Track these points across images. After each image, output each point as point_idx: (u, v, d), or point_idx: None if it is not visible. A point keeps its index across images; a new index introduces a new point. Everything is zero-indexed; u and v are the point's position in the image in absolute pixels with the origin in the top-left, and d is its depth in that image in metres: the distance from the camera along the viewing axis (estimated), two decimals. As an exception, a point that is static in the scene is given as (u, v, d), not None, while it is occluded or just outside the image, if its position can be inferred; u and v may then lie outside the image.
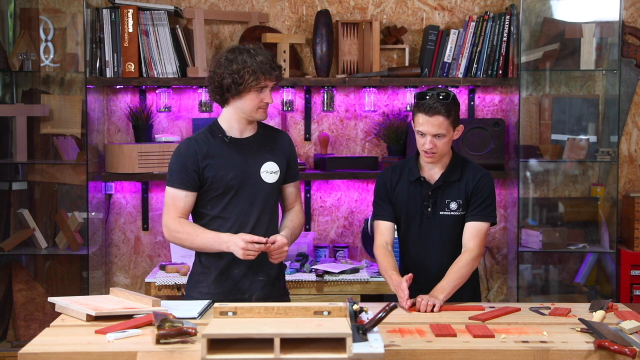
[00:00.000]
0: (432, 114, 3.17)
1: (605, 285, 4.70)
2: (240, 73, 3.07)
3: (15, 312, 4.65)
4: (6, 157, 4.68)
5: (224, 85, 3.10)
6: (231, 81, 3.08)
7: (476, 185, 3.28)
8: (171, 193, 3.18)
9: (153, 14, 4.55)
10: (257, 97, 3.12)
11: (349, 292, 4.24)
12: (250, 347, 2.31)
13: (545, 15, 4.71)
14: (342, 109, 4.79)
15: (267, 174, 3.23)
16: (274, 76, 3.13)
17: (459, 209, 3.28)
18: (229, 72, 3.09)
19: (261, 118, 3.20)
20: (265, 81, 3.11)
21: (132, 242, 4.82)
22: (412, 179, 3.32)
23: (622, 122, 4.75)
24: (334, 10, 4.73)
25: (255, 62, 3.08)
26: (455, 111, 3.22)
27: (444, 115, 3.17)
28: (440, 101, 3.17)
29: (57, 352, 2.51)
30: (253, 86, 3.09)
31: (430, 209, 3.29)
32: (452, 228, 3.30)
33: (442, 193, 3.29)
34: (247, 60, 3.08)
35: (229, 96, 3.14)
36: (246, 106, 3.14)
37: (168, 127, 4.78)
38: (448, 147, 3.26)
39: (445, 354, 2.56)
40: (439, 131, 3.18)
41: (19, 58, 4.57)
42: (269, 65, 3.10)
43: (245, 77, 3.07)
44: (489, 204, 3.29)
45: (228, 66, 3.09)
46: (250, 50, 3.12)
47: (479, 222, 3.27)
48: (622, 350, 2.51)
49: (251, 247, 3.02)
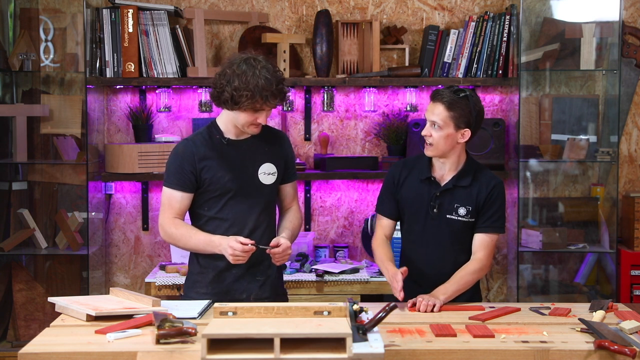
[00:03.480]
0: (434, 100, 3.19)
1: (605, 285, 4.71)
2: (239, 92, 3.01)
3: (15, 312, 4.65)
4: (6, 157, 4.68)
5: (222, 98, 3.08)
6: (229, 97, 3.05)
7: (489, 194, 3.25)
8: (167, 193, 3.18)
9: (153, 14, 4.55)
10: (251, 115, 3.09)
11: (349, 292, 4.24)
12: (250, 347, 2.31)
13: (545, 15, 4.71)
14: (342, 109, 4.79)
15: (265, 175, 3.22)
16: (273, 103, 3.08)
17: (467, 215, 3.25)
18: (229, 88, 3.03)
19: (253, 133, 3.16)
20: (262, 105, 3.06)
21: (132, 242, 4.82)
22: (422, 177, 3.29)
23: (622, 122, 4.75)
24: (334, 10, 4.73)
25: (257, 86, 3.00)
26: (462, 109, 3.16)
27: (445, 105, 3.16)
28: (449, 93, 3.17)
29: (57, 352, 2.51)
30: (248, 107, 3.06)
31: (436, 210, 3.26)
32: (458, 233, 3.27)
33: (451, 196, 3.26)
34: (251, 81, 3.00)
35: (225, 107, 3.13)
36: (239, 120, 3.12)
37: (168, 127, 4.78)
38: (446, 145, 3.20)
39: (445, 354, 2.56)
40: (435, 119, 3.17)
41: (19, 58, 4.57)
42: (270, 92, 3.02)
43: (242, 99, 3.02)
44: (501, 214, 3.28)
45: (231, 81, 3.03)
46: (257, 71, 3.02)
47: (490, 233, 3.26)
48: (622, 350, 2.51)
49: (240, 254, 3.01)
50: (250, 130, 3.15)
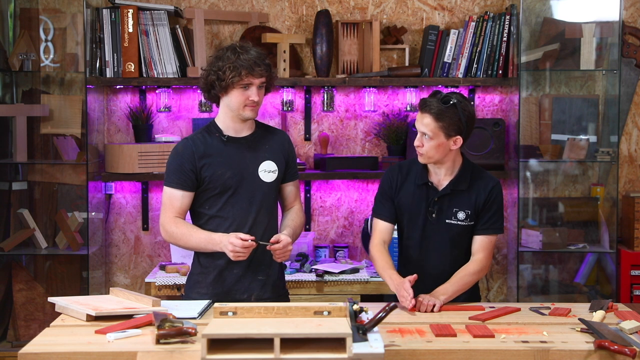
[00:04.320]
0: (422, 111, 3.15)
1: (605, 285, 4.71)
2: (223, 69, 3.08)
3: (15, 312, 4.65)
4: (6, 157, 4.68)
5: (209, 81, 3.13)
6: (215, 78, 3.10)
7: (488, 197, 3.24)
8: (168, 193, 3.18)
9: (153, 14, 4.55)
10: (242, 94, 3.11)
11: (349, 292, 4.24)
12: (250, 347, 2.31)
13: (545, 15, 4.71)
14: (342, 109, 4.79)
15: (265, 173, 3.22)
16: (258, 73, 3.10)
17: (467, 219, 3.24)
18: (214, 69, 3.11)
19: (250, 116, 3.17)
20: (248, 78, 3.09)
21: (132, 242, 4.82)
22: (419, 182, 3.27)
23: (622, 122, 4.75)
24: (334, 10, 4.73)
25: (239, 59, 3.08)
26: (451, 118, 3.11)
27: (432, 116, 3.12)
28: (437, 103, 3.12)
29: (57, 352, 2.51)
30: (236, 82, 3.09)
31: (435, 215, 3.25)
32: (457, 237, 3.26)
33: (450, 201, 3.25)
34: (231, 57, 3.09)
35: (215, 93, 3.15)
36: (232, 103, 3.14)
37: (168, 127, 4.78)
38: (438, 153, 3.17)
39: (445, 354, 2.56)
40: (424, 130, 3.14)
41: (19, 58, 4.57)
42: (253, 62, 3.08)
43: (227, 72, 3.07)
44: (500, 215, 3.27)
45: (214, 63, 3.13)
46: (237, 48, 3.12)
47: (489, 235, 3.26)
48: (622, 350, 2.51)
49: (240, 250, 3.01)
50: (247, 113, 3.15)
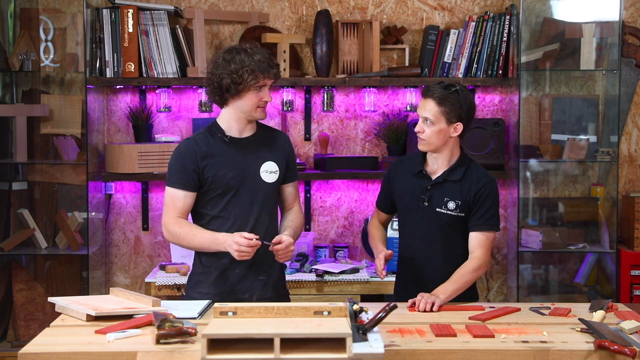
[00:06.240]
0: (425, 97, 3.23)
1: (605, 285, 4.71)
2: (239, 73, 3.08)
3: (15, 312, 4.66)
4: (6, 157, 4.68)
5: (224, 85, 3.11)
6: (230, 81, 3.09)
7: (479, 191, 3.25)
8: (170, 193, 3.19)
9: (153, 14, 4.55)
10: (256, 96, 3.14)
11: (349, 292, 4.24)
12: (250, 347, 2.31)
13: (545, 15, 4.71)
14: (342, 109, 4.79)
15: (267, 174, 3.23)
16: (272, 74, 3.15)
17: (456, 209, 3.26)
18: (227, 72, 3.10)
19: (261, 117, 3.20)
20: (264, 80, 3.12)
21: (132, 242, 4.82)
22: (414, 171, 3.33)
23: (622, 122, 4.75)
24: (334, 10, 4.73)
25: (253, 61, 3.09)
26: (453, 104, 3.19)
27: (435, 101, 3.19)
28: (440, 88, 3.20)
29: (57, 352, 2.51)
30: (252, 85, 3.10)
31: (426, 203, 3.28)
32: (447, 226, 3.28)
33: (442, 190, 3.28)
34: (245, 59, 3.09)
35: (228, 96, 3.15)
36: (245, 106, 3.15)
37: (168, 127, 4.78)
38: (438, 139, 3.23)
39: (445, 354, 2.56)
40: (427, 115, 3.20)
41: (19, 58, 4.57)
42: (266, 64, 3.12)
43: (244, 76, 3.08)
44: (494, 212, 3.28)
45: (226, 67, 3.10)
46: (247, 50, 3.13)
47: (485, 232, 3.26)
48: (622, 350, 2.51)
49: (245, 249, 3.02)
50: (259, 115, 3.18)
